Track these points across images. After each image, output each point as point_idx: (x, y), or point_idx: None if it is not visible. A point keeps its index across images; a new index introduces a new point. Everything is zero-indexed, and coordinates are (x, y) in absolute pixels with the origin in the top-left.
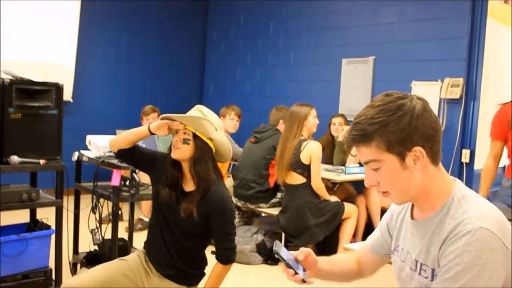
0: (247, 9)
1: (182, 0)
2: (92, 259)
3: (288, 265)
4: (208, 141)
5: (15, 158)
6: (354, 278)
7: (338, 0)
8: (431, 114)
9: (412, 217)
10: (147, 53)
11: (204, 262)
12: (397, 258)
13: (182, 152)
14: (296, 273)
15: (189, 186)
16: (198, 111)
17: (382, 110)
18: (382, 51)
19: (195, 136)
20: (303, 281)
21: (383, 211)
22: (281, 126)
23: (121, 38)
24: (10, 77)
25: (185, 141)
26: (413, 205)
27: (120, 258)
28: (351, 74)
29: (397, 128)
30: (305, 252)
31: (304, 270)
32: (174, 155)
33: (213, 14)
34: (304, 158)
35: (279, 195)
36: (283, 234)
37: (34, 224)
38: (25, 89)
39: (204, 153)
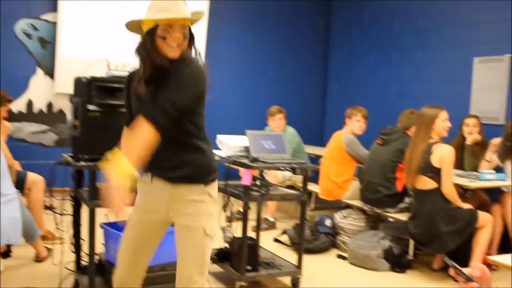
0: (372, 7)
1: (306, 1)
2: (222, 256)
3: (469, 279)
4: None
5: None
6: None
7: None
8: None
9: None
10: (271, 54)
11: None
12: None
13: (182, 49)
14: None
15: None
16: None
17: None
18: None
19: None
20: None
21: None
22: (412, 131)
23: (245, 40)
24: None
25: (186, 36)
26: None
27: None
28: (484, 73)
29: None
30: (480, 268)
31: None
32: (175, 53)
33: (337, 13)
34: (435, 161)
35: (407, 200)
36: (411, 241)
37: None
38: None
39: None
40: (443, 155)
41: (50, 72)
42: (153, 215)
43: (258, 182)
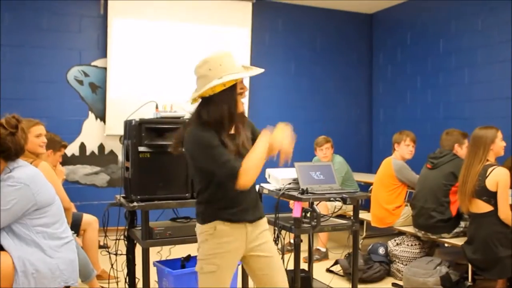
0: (414, 28)
1: (347, 26)
2: None
3: None
4: None
5: None
6: None
7: (505, 14)
8: None
9: None
10: (315, 81)
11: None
12: None
13: None
14: None
15: None
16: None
17: None
18: None
19: None
20: None
21: None
22: (456, 150)
23: (289, 68)
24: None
25: None
26: None
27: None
28: None
29: None
30: None
31: None
32: (242, 108)
33: (378, 37)
34: (490, 184)
35: (462, 224)
36: (470, 266)
37: None
38: None
39: None
40: (498, 178)
41: (101, 115)
42: None
43: (308, 214)
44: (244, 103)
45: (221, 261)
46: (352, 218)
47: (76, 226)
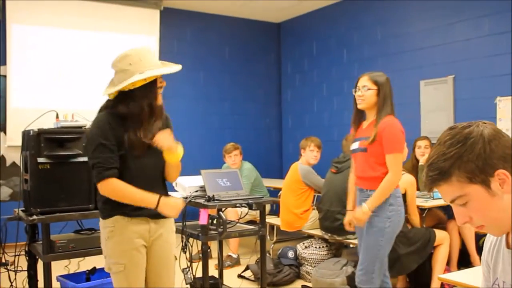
0: (319, 39)
1: (255, 34)
2: None
3: None
4: None
5: None
6: None
7: (410, 22)
8: (502, 135)
9: (508, 246)
10: (224, 90)
11: None
12: None
13: None
14: None
15: None
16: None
17: (452, 143)
18: (461, 69)
19: None
20: None
21: (477, 235)
22: None
23: (197, 77)
24: None
25: None
26: (508, 233)
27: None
28: (431, 95)
29: (472, 156)
30: None
31: None
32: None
33: (286, 47)
34: None
35: None
36: None
37: None
38: None
39: None
40: (406, 186)
41: (1, 126)
42: None
43: (215, 221)
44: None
45: (127, 259)
46: (259, 223)
47: None
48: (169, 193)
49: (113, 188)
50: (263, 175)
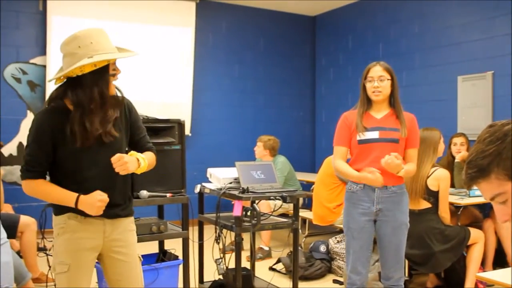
0: (355, 33)
1: (290, 28)
2: None
3: None
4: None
5: (144, 193)
6: None
7: (448, 16)
8: None
9: None
10: (259, 82)
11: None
12: None
13: None
14: None
15: None
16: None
17: (491, 141)
18: (501, 65)
19: None
20: None
21: None
22: None
23: (233, 70)
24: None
25: None
26: None
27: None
28: (468, 91)
29: (511, 153)
30: None
31: None
32: (113, 91)
33: (321, 41)
34: (431, 184)
35: None
36: (406, 261)
37: (163, 255)
38: (150, 127)
39: None
40: (440, 180)
41: None
42: None
43: (249, 213)
44: (113, 86)
45: (72, 260)
46: (292, 216)
47: (13, 228)
48: (204, 184)
49: (32, 188)
50: (296, 168)
